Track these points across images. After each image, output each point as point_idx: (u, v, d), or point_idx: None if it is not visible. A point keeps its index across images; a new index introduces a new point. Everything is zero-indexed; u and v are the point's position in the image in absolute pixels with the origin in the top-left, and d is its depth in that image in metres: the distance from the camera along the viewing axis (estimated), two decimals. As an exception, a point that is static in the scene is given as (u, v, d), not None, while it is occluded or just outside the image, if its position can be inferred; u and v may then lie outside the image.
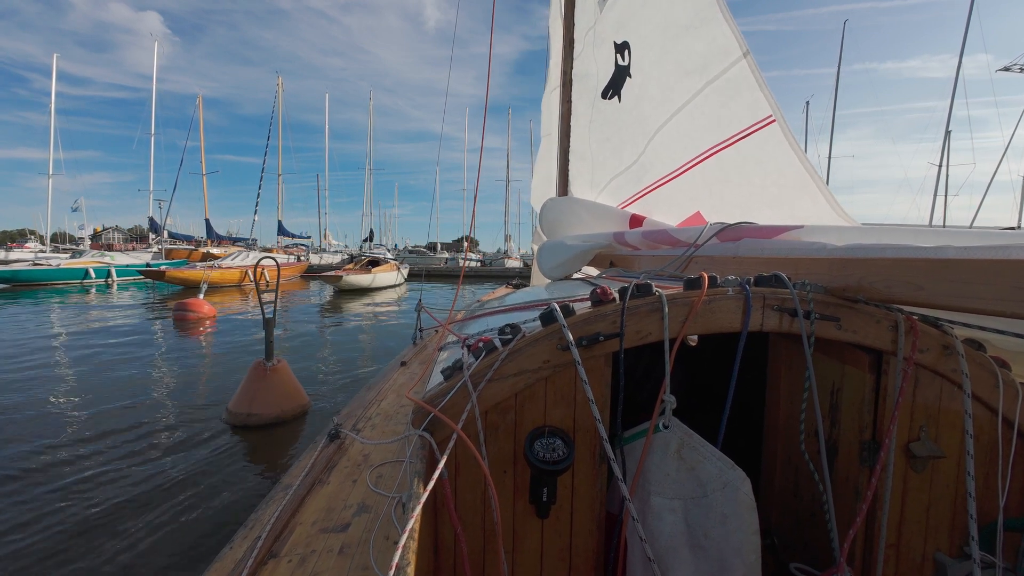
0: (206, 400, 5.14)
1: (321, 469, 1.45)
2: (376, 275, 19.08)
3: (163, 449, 3.87)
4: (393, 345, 8.40)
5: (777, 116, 3.15)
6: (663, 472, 1.06)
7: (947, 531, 1.10)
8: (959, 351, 1.04)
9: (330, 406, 4.97)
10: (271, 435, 4.23)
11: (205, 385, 5.77)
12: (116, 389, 5.43)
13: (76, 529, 2.78)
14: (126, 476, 3.40)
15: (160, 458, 3.70)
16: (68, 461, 3.61)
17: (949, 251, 0.88)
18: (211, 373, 6.34)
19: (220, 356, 7.31)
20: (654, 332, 1.03)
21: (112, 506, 3.02)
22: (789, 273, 1.11)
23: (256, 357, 4.85)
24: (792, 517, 1.24)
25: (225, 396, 4.95)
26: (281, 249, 33.00)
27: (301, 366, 6.51)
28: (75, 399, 5.08)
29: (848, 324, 1.04)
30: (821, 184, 3.06)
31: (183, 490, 3.23)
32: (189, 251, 26.20)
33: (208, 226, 31.42)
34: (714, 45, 3.26)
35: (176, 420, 4.51)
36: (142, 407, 4.85)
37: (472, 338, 1.28)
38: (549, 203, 3.60)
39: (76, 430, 4.21)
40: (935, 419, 1.07)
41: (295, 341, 8.71)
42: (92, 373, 6.11)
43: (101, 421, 4.43)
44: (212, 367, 6.68)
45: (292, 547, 1.07)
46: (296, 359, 6.75)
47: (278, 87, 32.71)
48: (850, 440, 1.10)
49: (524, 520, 1.05)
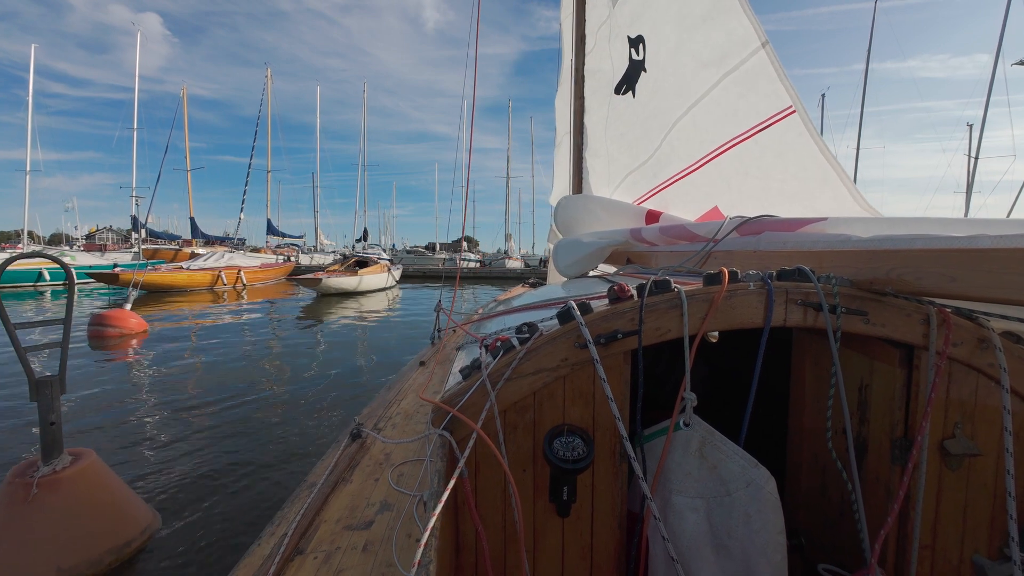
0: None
1: (344, 468, 1.47)
2: (363, 277, 17.30)
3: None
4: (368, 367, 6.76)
5: (797, 106, 3.07)
6: (684, 471, 1.05)
7: (985, 532, 1.06)
8: (996, 344, 1.00)
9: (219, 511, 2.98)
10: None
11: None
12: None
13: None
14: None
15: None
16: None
17: (984, 240, 0.85)
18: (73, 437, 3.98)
19: (112, 402, 4.99)
20: (673, 329, 1.01)
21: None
22: (813, 267, 1.08)
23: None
24: (820, 517, 1.21)
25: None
26: (270, 249, 31.20)
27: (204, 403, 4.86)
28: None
29: (876, 318, 1.01)
30: (844, 177, 2.97)
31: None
32: (175, 251, 24.44)
33: (193, 225, 29.41)
34: (733, 36, 3.20)
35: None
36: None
37: (490, 337, 1.28)
38: (564, 201, 3.58)
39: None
40: (971, 415, 1.03)
41: (220, 365, 6.61)
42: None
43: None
44: (77, 426, 4.24)
45: (317, 544, 1.09)
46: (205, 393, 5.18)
47: (266, 80, 31.41)
48: (880, 438, 1.07)
49: (544, 519, 1.04)
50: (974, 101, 46.78)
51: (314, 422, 4.59)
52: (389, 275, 19.52)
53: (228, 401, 5.16)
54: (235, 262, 20.01)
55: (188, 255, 21.63)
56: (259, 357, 7.39)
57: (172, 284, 16.59)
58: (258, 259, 23.01)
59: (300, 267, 25.75)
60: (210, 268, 18.42)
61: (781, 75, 3.10)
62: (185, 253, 22.74)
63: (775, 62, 3.11)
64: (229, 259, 20.18)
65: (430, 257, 39.43)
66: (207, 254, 20.57)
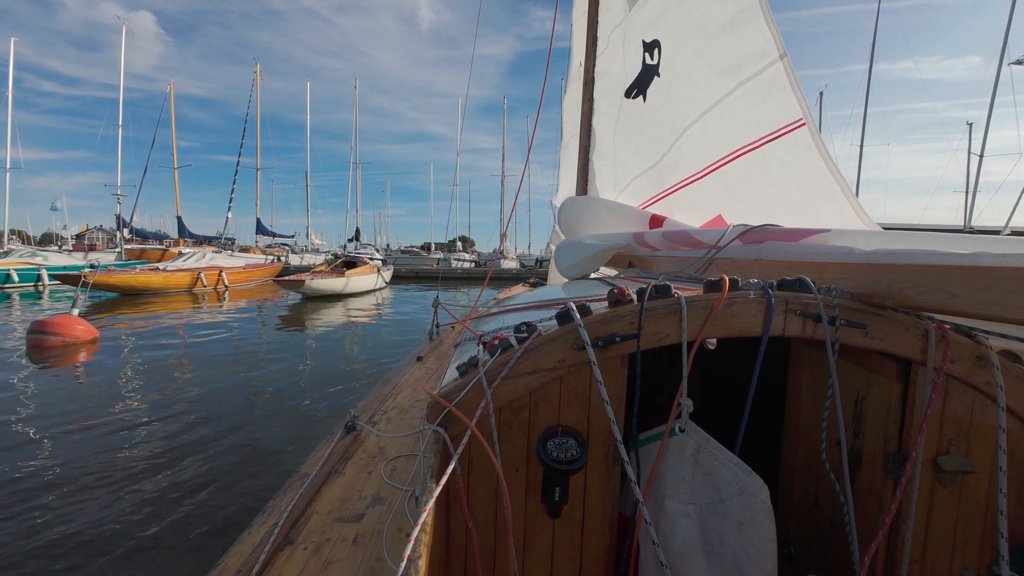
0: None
1: (337, 460, 1.47)
2: (350, 279, 16.46)
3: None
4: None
5: (807, 119, 3.06)
6: (678, 476, 1.05)
7: (976, 549, 1.06)
8: (994, 363, 1.00)
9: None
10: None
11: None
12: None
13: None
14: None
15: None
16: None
17: (985, 258, 0.85)
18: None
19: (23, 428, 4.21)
20: (672, 334, 1.01)
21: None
22: (814, 277, 1.08)
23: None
24: (811, 527, 1.21)
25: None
26: (260, 249, 30.34)
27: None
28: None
29: (875, 331, 1.01)
30: (848, 191, 2.97)
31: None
32: (162, 251, 23.40)
33: (180, 224, 28.41)
34: (752, 46, 3.19)
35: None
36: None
37: (488, 335, 1.28)
38: (568, 202, 3.58)
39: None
40: (966, 432, 1.03)
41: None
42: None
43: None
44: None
45: (308, 535, 1.09)
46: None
47: (256, 76, 30.21)
48: (874, 451, 1.07)
49: (535, 519, 1.05)
50: (968, 102, 46.43)
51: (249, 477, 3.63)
52: (379, 276, 18.70)
53: (162, 430, 4.39)
54: (216, 262, 19.06)
55: (176, 255, 20.68)
56: (215, 373, 6.41)
57: (146, 286, 15.52)
58: (243, 259, 22.09)
59: (289, 267, 24.83)
60: (189, 269, 17.34)
61: (795, 87, 3.09)
62: (172, 253, 21.79)
63: (791, 74, 3.10)
64: (210, 260, 19.24)
65: (424, 257, 38.91)
66: (187, 254, 19.61)
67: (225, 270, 18.42)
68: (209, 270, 17.84)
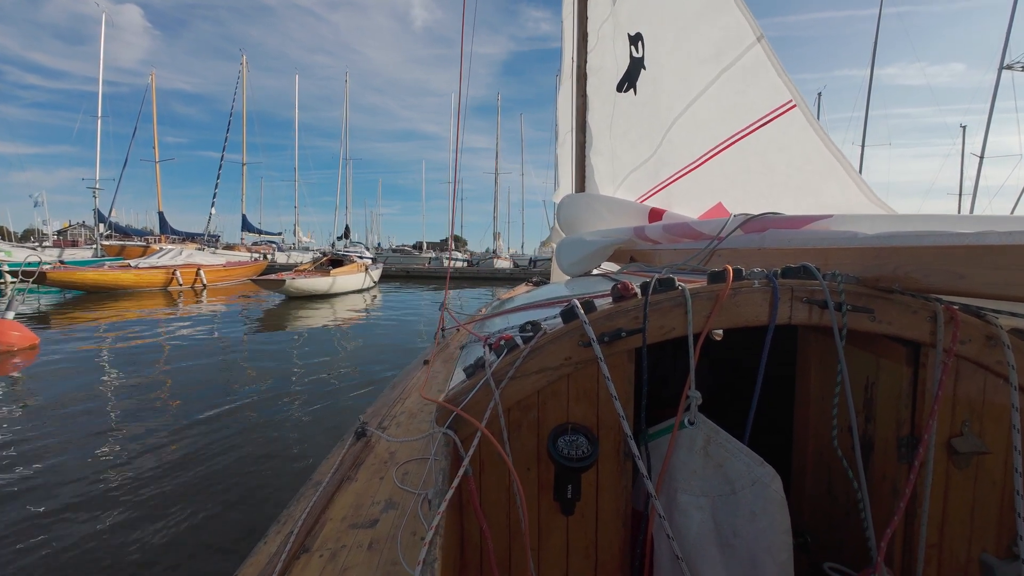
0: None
1: (349, 466, 1.47)
2: (336, 278, 15.56)
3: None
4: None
5: (797, 100, 3.06)
6: (689, 469, 1.05)
7: (994, 530, 1.05)
8: (1005, 342, 0.99)
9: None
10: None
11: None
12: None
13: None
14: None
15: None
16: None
17: (992, 237, 0.84)
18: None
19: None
20: (677, 327, 1.01)
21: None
22: (819, 264, 1.08)
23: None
24: (825, 516, 1.20)
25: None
26: (246, 247, 29.27)
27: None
28: None
29: (883, 315, 1.00)
30: (850, 169, 2.95)
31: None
32: (143, 248, 22.37)
33: (162, 220, 27.58)
34: (727, 31, 3.20)
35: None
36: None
37: (493, 336, 1.28)
38: (567, 199, 3.58)
39: None
40: (979, 413, 1.02)
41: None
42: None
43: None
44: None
45: (323, 542, 1.09)
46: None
47: (242, 68, 29.60)
48: (886, 436, 1.06)
49: (549, 517, 1.04)
50: (953, 108, 45.98)
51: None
52: (367, 275, 17.63)
53: (100, 460, 3.55)
54: (194, 260, 17.98)
55: (157, 251, 19.60)
56: (170, 384, 5.45)
57: (116, 284, 14.62)
58: (223, 257, 21.03)
59: (275, 265, 23.62)
60: (163, 267, 16.28)
61: (779, 70, 3.09)
62: (154, 249, 20.61)
63: (772, 57, 3.10)
64: (188, 257, 18.07)
65: (416, 256, 38.12)
66: (162, 251, 18.46)
67: (203, 268, 17.53)
68: (186, 268, 16.93)
